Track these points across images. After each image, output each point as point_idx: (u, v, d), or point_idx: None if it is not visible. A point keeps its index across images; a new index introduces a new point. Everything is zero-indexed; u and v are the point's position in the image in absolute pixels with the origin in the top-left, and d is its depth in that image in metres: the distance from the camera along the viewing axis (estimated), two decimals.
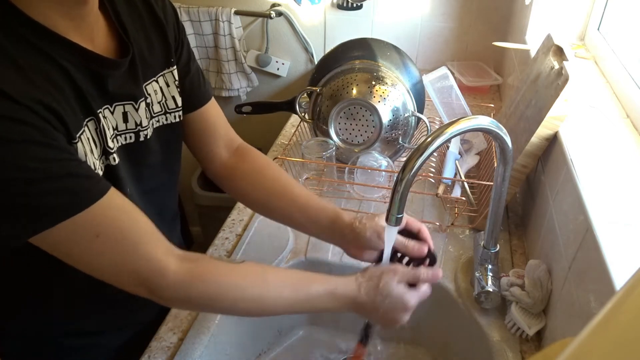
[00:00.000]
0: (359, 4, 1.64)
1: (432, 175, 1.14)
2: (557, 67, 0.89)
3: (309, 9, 1.69)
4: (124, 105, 0.65)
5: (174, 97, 0.74)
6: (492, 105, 1.39)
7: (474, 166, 1.13)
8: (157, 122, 0.73)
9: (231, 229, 1.01)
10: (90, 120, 0.59)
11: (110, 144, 0.62)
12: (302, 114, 1.17)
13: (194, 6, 1.71)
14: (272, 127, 1.52)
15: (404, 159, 1.00)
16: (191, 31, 1.75)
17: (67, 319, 0.77)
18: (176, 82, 0.74)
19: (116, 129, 0.65)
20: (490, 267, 0.82)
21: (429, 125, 1.11)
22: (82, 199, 0.53)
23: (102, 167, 0.62)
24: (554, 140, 0.86)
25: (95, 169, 0.59)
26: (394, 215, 0.64)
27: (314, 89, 1.14)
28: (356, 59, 1.15)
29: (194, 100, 0.79)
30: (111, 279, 0.59)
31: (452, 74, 1.22)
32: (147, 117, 0.69)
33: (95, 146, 0.60)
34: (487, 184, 0.99)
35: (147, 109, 0.69)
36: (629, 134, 0.82)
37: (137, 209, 0.60)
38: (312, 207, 0.78)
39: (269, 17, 1.69)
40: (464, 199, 1.00)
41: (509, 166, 0.71)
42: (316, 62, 1.59)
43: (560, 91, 0.81)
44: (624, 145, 0.79)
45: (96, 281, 0.59)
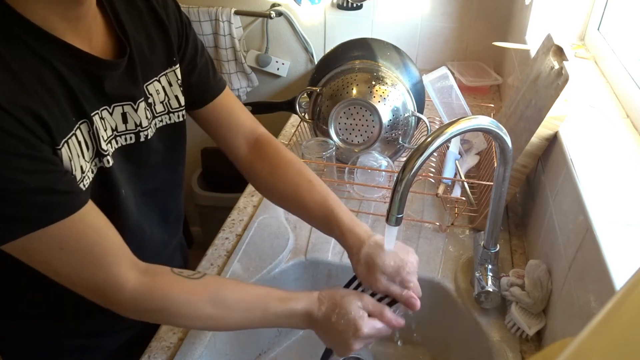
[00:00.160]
0: (359, 4, 1.64)
1: (432, 175, 1.14)
2: (557, 67, 0.89)
3: (309, 9, 1.69)
4: (122, 106, 0.65)
5: (177, 96, 0.74)
6: (492, 105, 1.39)
7: (474, 166, 1.13)
8: (160, 122, 0.72)
9: (231, 229, 1.01)
10: (83, 122, 0.59)
11: (104, 146, 0.62)
12: (302, 114, 1.17)
13: (194, 6, 1.71)
14: (272, 127, 1.51)
15: (404, 159, 1.00)
16: None
17: (67, 320, 0.77)
18: (179, 81, 0.74)
19: (115, 129, 0.65)
20: (490, 267, 0.82)
21: (429, 125, 1.11)
22: (55, 214, 0.54)
23: (93, 169, 0.62)
24: (554, 140, 0.85)
25: (83, 172, 0.59)
26: (394, 215, 0.64)
27: (314, 89, 1.14)
28: (356, 59, 1.15)
29: (206, 93, 0.79)
30: (72, 287, 0.60)
31: (452, 74, 1.22)
32: (147, 118, 0.69)
33: (86, 149, 0.60)
34: (487, 184, 0.99)
35: (147, 109, 0.69)
36: (629, 134, 0.82)
37: (109, 225, 0.61)
38: (322, 217, 0.77)
39: (269, 17, 1.69)
40: (464, 199, 1.00)
41: (509, 166, 0.71)
42: (316, 62, 1.59)
43: (560, 91, 0.81)
44: (624, 145, 0.79)
45: None
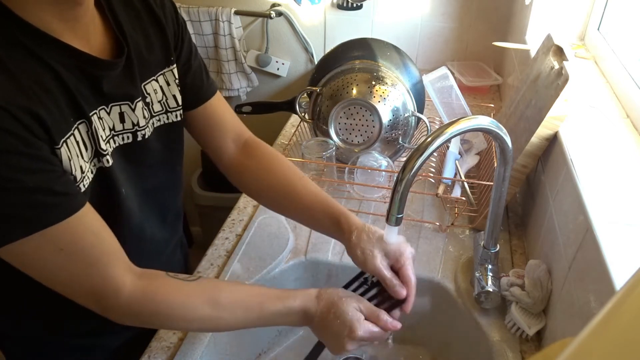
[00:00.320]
0: (359, 4, 1.64)
1: (432, 175, 1.14)
2: (557, 67, 0.89)
3: (309, 9, 1.69)
4: (120, 105, 0.65)
5: (174, 95, 0.74)
6: (492, 105, 1.39)
7: (474, 166, 1.13)
8: (158, 121, 0.73)
9: (231, 229, 1.01)
10: (81, 123, 0.59)
11: (103, 146, 0.62)
12: (302, 114, 1.17)
13: (194, 6, 1.71)
14: (272, 127, 1.52)
15: (404, 159, 1.00)
16: (191, 31, 1.75)
17: (67, 319, 0.77)
18: (176, 81, 0.74)
19: (113, 129, 0.65)
20: (490, 267, 0.82)
21: (429, 125, 1.11)
22: (53, 216, 0.54)
23: (93, 169, 0.62)
24: (554, 140, 0.85)
25: (83, 172, 0.59)
26: (394, 215, 0.64)
27: (314, 89, 1.14)
28: (356, 59, 1.15)
29: (198, 95, 0.79)
30: (65, 292, 0.60)
31: (452, 74, 1.22)
32: (144, 117, 0.69)
33: (85, 149, 0.60)
34: (487, 184, 0.99)
35: (145, 108, 0.69)
36: (629, 134, 0.82)
37: (106, 228, 0.61)
38: (316, 208, 0.78)
39: (269, 17, 1.69)
40: (464, 199, 1.00)
41: (509, 166, 0.71)
42: (316, 62, 1.59)
43: (560, 91, 0.81)
44: (624, 145, 0.79)
45: None
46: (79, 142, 0.59)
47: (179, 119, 0.76)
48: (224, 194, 1.93)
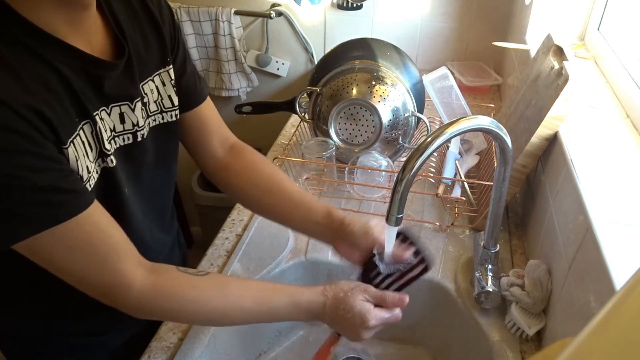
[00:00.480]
0: (359, 4, 1.64)
1: (432, 175, 1.14)
2: (557, 67, 0.89)
3: (309, 9, 1.69)
4: (120, 106, 0.65)
5: (170, 96, 0.74)
6: (492, 105, 1.39)
7: (474, 166, 1.13)
8: (154, 121, 0.73)
9: (231, 229, 1.01)
10: (86, 123, 0.59)
11: (107, 146, 0.62)
12: (302, 114, 1.17)
13: (194, 6, 1.71)
14: (272, 127, 1.52)
15: (404, 159, 1.00)
16: (191, 31, 1.75)
17: (67, 319, 0.77)
18: (172, 81, 0.74)
19: (114, 130, 0.65)
20: (490, 267, 0.82)
21: (429, 125, 1.11)
22: (62, 214, 0.54)
23: (97, 169, 0.62)
24: (554, 140, 0.85)
25: (89, 172, 0.59)
26: (394, 215, 0.64)
27: (314, 89, 1.14)
28: (356, 59, 1.15)
29: (190, 99, 0.79)
30: (80, 288, 0.61)
31: (452, 74, 1.22)
32: (143, 117, 0.69)
33: (90, 149, 0.60)
34: (487, 184, 0.99)
35: (143, 108, 0.69)
36: (629, 134, 0.82)
37: (114, 225, 0.61)
38: (305, 203, 0.79)
39: (269, 17, 1.69)
40: (464, 199, 1.00)
41: (509, 166, 0.71)
42: (316, 62, 1.59)
43: (560, 91, 0.81)
44: (624, 145, 0.79)
45: None
46: (84, 142, 0.59)
47: (174, 119, 0.76)
48: (223, 194, 1.92)
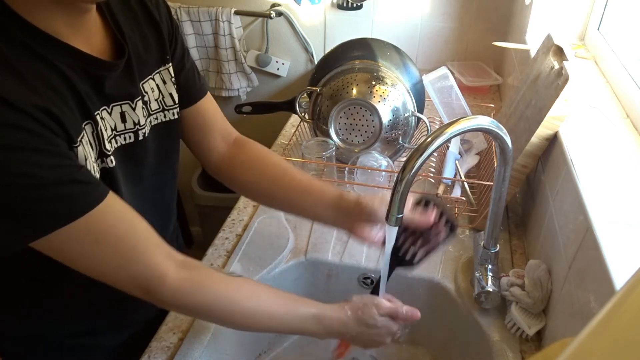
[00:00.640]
0: (359, 4, 1.64)
1: (432, 175, 1.14)
2: (557, 67, 0.89)
3: (309, 9, 1.69)
4: (120, 105, 0.65)
5: (171, 94, 0.74)
6: (492, 105, 1.39)
7: (474, 166, 1.13)
8: (155, 119, 0.73)
9: (231, 229, 1.01)
10: (87, 123, 0.59)
11: (107, 147, 0.62)
12: (302, 114, 1.16)
13: (194, 6, 1.71)
14: (272, 127, 1.52)
15: (404, 159, 1.00)
16: (191, 31, 1.75)
17: (67, 319, 0.77)
18: (172, 79, 0.74)
19: (115, 129, 0.65)
20: (490, 267, 0.82)
21: (429, 125, 1.11)
22: (81, 206, 0.54)
23: (98, 170, 0.62)
24: (554, 140, 0.85)
25: (93, 172, 0.59)
26: (394, 215, 0.64)
27: (314, 89, 1.14)
28: (356, 59, 1.15)
29: (190, 95, 0.79)
30: (111, 282, 0.60)
31: (452, 74, 1.22)
32: (144, 116, 0.69)
33: (92, 149, 0.60)
34: (487, 184, 0.99)
35: (144, 107, 0.69)
36: (629, 134, 0.82)
37: (136, 214, 0.61)
38: (314, 188, 0.79)
39: (269, 17, 1.69)
40: (464, 199, 1.00)
41: (509, 166, 0.71)
42: (316, 62, 1.59)
43: (560, 91, 0.81)
44: (624, 145, 0.79)
45: (95, 281, 0.60)
46: (88, 143, 0.59)
47: (176, 117, 0.76)
48: (224, 194, 1.93)
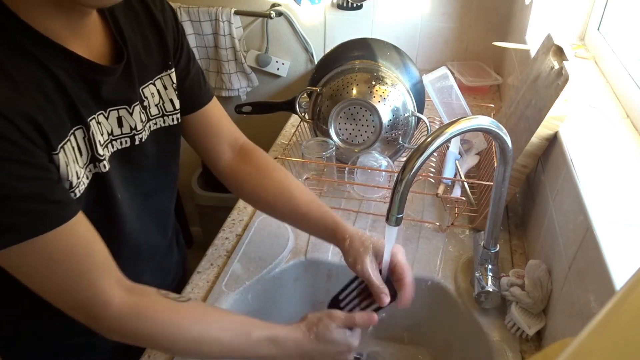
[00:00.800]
0: (359, 4, 1.64)
1: (432, 175, 1.14)
2: (557, 67, 0.89)
3: (309, 9, 1.69)
4: (118, 110, 0.65)
5: (171, 99, 0.74)
6: (492, 105, 1.39)
7: (474, 166, 1.13)
8: (155, 124, 0.73)
9: (231, 229, 1.01)
10: (78, 128, 0.59)
11: (100, 152, 0.62)
12: (302, 114, 1.17)
13: (194, 6, 1.71)
14: (272, 127, 1.52)
15: (404, 159, 1.00)
16: (191, 31, 1.75)
17: (66, 319, 0.77)
18: (174, 85, 0.74)
19: (111, 134, 0.65)
20: (490, 267, 0.82)
21: (429, 125, 1.11)
22: (44, 224, 0.53)
23: (88, 175, 0.61)
24: (554, 140, 0.85)
25: (79, 178, 0.59)
26: (394, 215, 0.64)
27: (314, 89, 1.14)
28: (356, 59, 1.15)
29: (195, 101, 0.79)
30: (56, 304, 0.59)
31: (452, 74, 1.22)
32: (142, 121, 0.69)
33: (80, 155, 0.59)
34: (487, 184, 0.99)
35: (142, 112, 0.69)
36: (629, 134, 0.82)
37: (98, 239, 0.60)
38: (312, 216, 0.79)
39: (269, 17, 1.69)
40: (464, 199, 1.00)
41: (509, 166, 0.71)
42: (316, 62, 1.59)
43: (560, 91, 0.81)
44: (624, 145, 0.79)
45: None
46: (74, 148, 0.58)
47: (176, 122, 0.76)
48: (224, 194, 1.93)
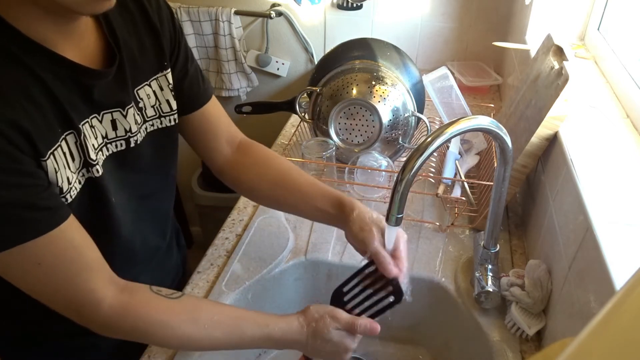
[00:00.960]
0: (359, 4, 1.64)
1: (432, 175, 1.14)
2: (557, 67, 0.89)
3: (309, 9, 1.69)
4: (111, 112, 0.65)
5: (168, 100, 0.74)
6: (492, 105, 1.39)
7: (474, 166, 1.13)
8: (152, 126, 0.72)
9: (231, 229, 1.01)
10: (69, 134, 0.58)
11: (92, 156, 0.61)
12: (302, 114, 1.17)
13: (194, 6, 1.71)
14: (272, 127, 1.52)
15: (404, 159, 1.00)
16: (191, 31, 1.75)
17: (66, 319, 0.77)
18: (170, 86, 0.74)
19: (106, 137, 0.65)
20: (490, 267, 0.82)
21: (429, 125, 1.11)
22: (31, 230, 0.54)
23: (81, 180, 0.61)
24: (554, 140, 0.85)
25: (70, 183, 0.59)
26: (394, 215, 0.64)
27: (314, 89, 1.14)
28: (356, 59, 1.15)
29: (195, 100, 0.79)
30: (49, 304, 0.60)
31: (452, 74, 1.22)
32: (136, 123, 0.68)
33: (72, 160, 0.59)
34: (487, 184, 0.99)
35: (138, 114, 0.69)
36: (629, 134, 0.82)
37: (88, 241, 0.60)
38: (314, 193, 0.79)
39: (269, 17, 1.69)
40: (464, 199, 1.00)
41: (509, 166, 0.71)
42: (316, 62, 1.59)
43: (560, 91, 0.81)
44: (624, 145, 0.79)
45: None
46: (65, 153, 0.58)
47: (173, 123, 0.76)
48: (224, 194, 1.92)
